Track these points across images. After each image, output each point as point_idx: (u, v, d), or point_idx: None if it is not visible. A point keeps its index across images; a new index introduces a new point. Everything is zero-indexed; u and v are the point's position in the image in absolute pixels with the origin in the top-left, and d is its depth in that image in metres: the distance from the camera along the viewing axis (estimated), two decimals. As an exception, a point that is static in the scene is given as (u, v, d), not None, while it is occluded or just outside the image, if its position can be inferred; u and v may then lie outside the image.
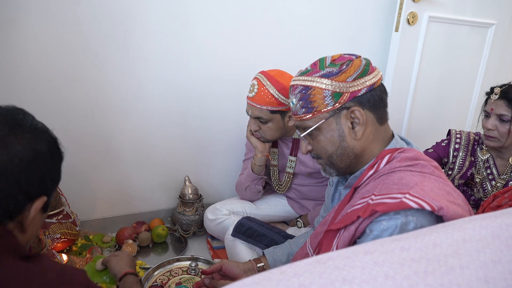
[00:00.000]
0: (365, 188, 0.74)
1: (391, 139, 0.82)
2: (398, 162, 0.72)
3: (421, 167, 0.71)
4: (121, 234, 1.53)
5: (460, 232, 0.45)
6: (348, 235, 0.67)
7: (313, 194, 1.54)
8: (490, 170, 1.40)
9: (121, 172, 1.62)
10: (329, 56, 0.80)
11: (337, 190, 0.95)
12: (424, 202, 0.61)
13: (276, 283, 0.37)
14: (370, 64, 0.79)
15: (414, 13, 1.76)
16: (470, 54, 2.03)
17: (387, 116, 0.82)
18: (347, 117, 0.77)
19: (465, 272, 0.38)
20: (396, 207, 0.62)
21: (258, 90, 1.29)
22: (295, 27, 1.68)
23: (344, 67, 0.76)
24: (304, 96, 0.78)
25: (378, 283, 0.36)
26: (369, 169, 0.75)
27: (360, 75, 0.76)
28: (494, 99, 1.30)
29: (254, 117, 1.35)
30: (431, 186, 0.66)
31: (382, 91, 0.79)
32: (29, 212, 0.58)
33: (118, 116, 1.53)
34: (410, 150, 0.75)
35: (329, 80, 0.75)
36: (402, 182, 0.67)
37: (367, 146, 0.79)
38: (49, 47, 1.34)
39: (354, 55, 0.79)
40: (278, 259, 1.04)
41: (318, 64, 0.79)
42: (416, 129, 2.06)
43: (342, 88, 0.75)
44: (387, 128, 0.82)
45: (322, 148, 0.81)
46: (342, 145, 0.79)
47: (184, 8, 1.47)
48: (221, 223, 1.48)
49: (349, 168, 0.82)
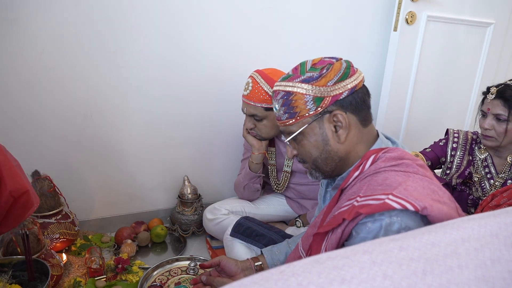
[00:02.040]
0: (351, 189, 0.74)
1: (376, 139, 0.82)
2: (383, 162, 0.72)
3: (405, 166, 0.71)
4: (120, 234, 1.53)
5: (458, 231, 0.45)
6: (335, 237, 0.68)
7: (311, 194, 1.54)
8: (488, 169, 1.40)
9: (120, 172, 1.62)
10: (310, 60, 0.80)
11: (327, 191, 0.95)
12: (406, 203, 0.61)
13: (274, 283, 0.37)
14: (351, 67, 0.79)
15: (412, 12, 1.76)
16: (469, 53, 2.04)
17: (370, 118, 0.82)
18: (330, 121, 0.78)
19: (463, 271, 0.38)
20: (379, 208, 0.62)
21: (252, 88, 1.31)
22: (294, 26, 1.68)
23: (324, 71, 0.76)
24: (286, 102, 0.79)
25: (376, 283, 0.36)
26: (354, 170, 0.75)
27: (340, 79, 0.76)
28: (491, 98, 1.30)
29: (249, 115, 1.37)
30: (415, 186, 0.66)
31: (364, 93, 0.80)
32: None
33: (117, 116, 1.52)
34: (395, 150, 0.75)
35: (310, 85, 0.76)
36: (386, 182, 0.67)
37: (352, 148, 0.80)
38: (47, 48, 1.34)
39: (335, 58, 0.80)
40: (276, 258, 1.04)
41: (299, 69, 0.80)
42: (415, 128, 2.06)
43: (323, 93, 0.76)
44: (372, 129, 0.83)
45: (307, 152, 0.82)
46: (326, 149, 0.79)
47: (182, 8, 1.47)
48: (220, 222, 1.48)
49: (335, 171, 0.83)
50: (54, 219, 1.38)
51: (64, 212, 1.43)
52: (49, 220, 1.37)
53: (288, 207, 1.61)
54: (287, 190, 1.59)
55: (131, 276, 1.32)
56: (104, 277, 1.31)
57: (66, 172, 1.51)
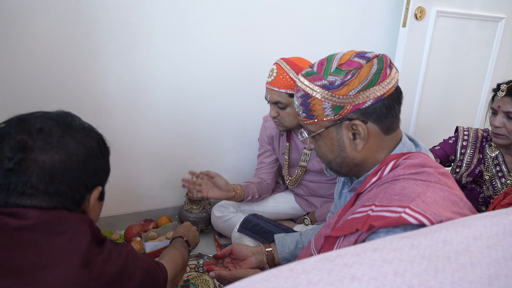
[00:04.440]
0: (367, 195, 0.72)
1: (398, 143, 0.77)
2: (403, 169, 0.68)
3: (426, 175, 0.67)
4: (130, 232, 1.55)
5: (470, 229, 0.44)
6: (348, 244, 0.66)
7: (321, 191, 1.54)
8: (499, 167, 1.38)
9: (129, 170, 1.63)
10: (338, 58, 0.73)
11: (343, 192, 0.94)
12: (423, 218, 0.58)
13: (284, 280, 0.37)
14: (383, 69, 0.70)
15: (422, 8, 1.74)
16: (480, 49, 2.01)
17: (396, 125, 0.76)
18: (348, 128, 0.73)
19: (476, 269, 0.38)
20: (394, 222, 0.59)
21: (277, 74, 1.29)
22: (300, 23, 1.67)
23: (349, 77, 0.69)
24: (304, 103, 0.75)
25: (387, 281, 0.36)
26: (372, 176, 0.72)
27: (366, 87, 0.69)
28: (501, 96, 1.28)
29: (273, 102, 1.34)
30: (434, 197, 0.63)
31: (393, 100, 0.72)
32: (89, 201, 0.69)
33: (126, 115, 1.53)
34: (417, 156, 0.71)
35: (329, 92, 0.70)
36: (404, 192, 0.64)
37: (369, 156, 0.75)
38: (56, 47, 1.35)
39: (366, 59, 0.70)
40: (286, 245, 1.06)
41: (324, 66, 0.73)
42: (424, 126, 2.04)
43: (343, 102, 0.70)
44: (396, 135, 0.77)
45: (322, 153, 0.80)
46: (342, 155, 0.76)
47: (190, 6, 1.47)
48: (228, 220, 1.49)
49: (349, 173, 0.80)
50: (64, 217, 1.40)
51: (74, 210, 1.44)
52: (60, 217, 1.39)
53: (296, 205, 1.60)
54: (298, 186, 1.58)
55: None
56: (114, 274, 1.32)
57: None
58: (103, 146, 0.73)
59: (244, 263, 1.03)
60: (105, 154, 0.73)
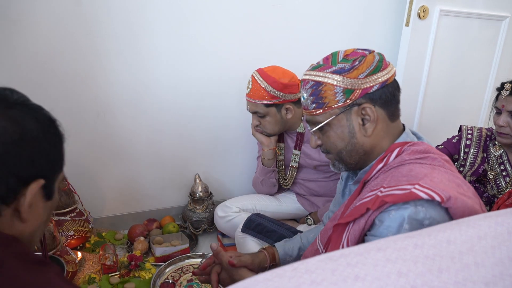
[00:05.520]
0: (374, 181, 0.74)
1: (401, 133, 0.81)
2: (408, 155, 0.72)
3: (431, 160, 0.70)
4: (133, 232, 1.55)
5: (474, 229, 0.44)
6: (358, 228, 0.67)
7: (322, 190, 1.54)
8: (503, 166, 1.38)
9: (132, 171, 1.64)
10: (342, 51, 0.78)
11: (347, 186, 0.95)
12: (433, 193, 0.60)
13: (287, 279, 0.37)
14: (384, 60, 0.77)
15: (425, 7, 1.73)
16: (483, 48, 1.99)
17: (399, 113, 0.81)
18: (358, 114, 0.76)
19: (480, 269, 0.37)
20: (405, 197, 0.61)
21: (252, 86, 1.37)
22: (302, 23, 1.67)
23: (357, 63, 0.74)
24: (315, 92, 0.77)
25: (391, 280, 0.36)
26: (378, 163, 0.75)
27: (372, 72, 0.74)
28: (505, 95, 1.28)
29: (252, 112, 1.43)
30: (440, 178, 0.65)
31: (394, 88, 0.78)
32: (25, 197, 0.52)
33: (128, 115, 1.54)
34: (421, 144, 0.74)
35: (341, 76, 0.74)
36: (411, 174, 0.67)
37: (377, 142, 0.79)
38: (59, 49, 1.35)
39: (368, 50, 0.78)
40: (289, 252, 1.04)
41: (330, 59, 0.78)
42: (427, 125, 2.03)
43: (354, 85, 0.74)
44: (399, 124, 0.82)
45: (332, 143, 0.81)
46: (352, 142, 0.78)
47: (191, 7, 1.47)
48: (231, 220, 1.49)
49: (358, 163, 0.82)
50: (68, 217, 1.40)
51: (78, 210, 1.45)
52: (64, 217, 1.39)
53: (299, 205, 1.61)
54: (296, 186, 1.59)
55: (144, 273, 1.33)
56: (118, 274, 1.33)
57: (79, 170, 1.54)
58: (51, 130, 0.58)
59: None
60: (53, 141, 0.58)
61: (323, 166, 1.48)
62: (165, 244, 1.50)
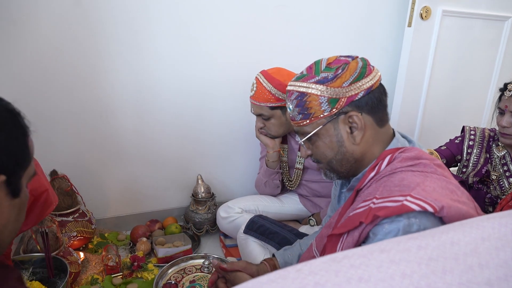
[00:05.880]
0: (367, 190, 0.73)
1: (391, 139, 0.81)
2: (399, 162, 0.70)
3: (423, 166, 0.69)
4: (135, 232, 1.55)
5: (478, 230, 0.44)
6: (352, 240, 0.67)
7: (325, 191, 1.54)
8: (507, 167, 1.37)
9: (135, 171, 1.64)
10: (325, 59, 0.78)
11: (341, 192, 0.94)
12: (425, 204, 0.59)
13: (291, 281, 0.37)
14: (368, 65, 0.76)
15: (427, 7, 1.73)
16: (486, 49, 1.99)
17: (387, 118, 0.80)
18: (345, 122, 0.76)
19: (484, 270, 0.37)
20: (398, 210, 0.60)
21: (256, 89, 1.36)
22: (305, 24, 1.67)
23: (340, 71, 0.74)
24: (300, 103, 0.77)
25: (395, 282, 0.36)
26: (370, 171, 0.74)
27: (356, 79, 0.74)
28: (508, 95, 1.27)
29: (257, 115, 1.42)
30: (433, 186, 0.64)
31: (380, 93, 0.77)
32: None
33: (130, 116, 1.54)
34: (412, 149, 0.73)
35: (324, 86, 0.74)
36: (403, 183, 0.66)
37: (367, 149, 0.78)
38: (62, 50, 1.36)
39: (351, 57, 0.77)
40: (289, 261, 1.03)
41: (313, 68, 0.78)
42: (430, 126, 2.03)
43: (338, 94, 0.74)
44: (388, 129, 0.81)
45: (322, 153, 0.81)
46: (341, 151, 0.78)
47: (194, 7, 1.48)
48: (234, 221, 1.49)
49: (350, 172, 0.81)
50: (71, 218, 1.41)
51: (81, 211, 1.46)
52: (67, 218, 1.40)
53: (301, 205, 1.60)
54: (300, 187, 1.59)
55: (146, 274, 1.34)
56: (121, 275, 1.33)
57: (82, 171, 1.54)
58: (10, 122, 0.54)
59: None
60: (15, 134, 0.54)
61: None
62: (167, 245, 1.50)
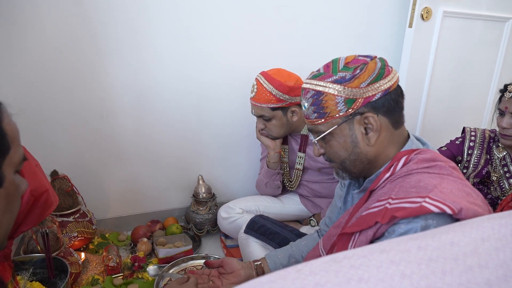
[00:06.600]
0: (380, 190, 0.72)
1: (406, 140, 0.80)
2: (415, 164, 0.70)
3: (439, 168, 0.69)
4: (136, 233, 1.56)
5: (478, 231, 0.44)
6: (366, 239, 0.66)
7: (325, 191, 1.54)
8: (507, 168, 1.37)
9: (136, 172, 1.64)
10: (343, 58, 0.77)
11: (349, 193, 0.93)
12: (444, 205, 0.59)
13: (291, 281, 0.37)
14: (386, 66, 0.75)
15: (428, 8, 1.73)
16: (487, 49, 1.99)
17: (403, 120, 0.79)
18: (361, 123, 0.75)
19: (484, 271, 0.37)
20: (416, 212, 0.60)
21: (257, 90, 1.36)
22: (305, 25, 1.67)
23: (358, 71, 0.73)
24: (316, 102, 0.76)
25: (394, 282, 0.36)
26: (385, 172, 0.73)
27: (374, 80, 0.73)
28: (508, 97, 1.27)
29: (257, 116, 1.42)
30: (450, 188, 0.64)
31: (398, 94, 0.76)
32: None
33: (131, 117, 1.55)
34: (427, 151, 0.73)
35: (342, 86, 0.73)
36: (420, 185, 0.65)
37: (382, 151, 0.77)
38: (64, 50, 1.36)
39: (369, 57, 0.76)
40: (279, 261, 1.02)
41: (331, 67, 0.76)
42: (431, 127, 2.03)
43: (356, 94, 0.73)
44: (403, 131, 0.80)
45: (335, 153, 0.80)
46: (355, 151, 0.77)
47: (195, 8, 1.48)
48: (235, 221, 1.49)
49: (362, 172, 0.81)
50: (72, 218, 1.41)
51: (81, 211, 1.46)
52: (68, 219, 1.40)
53: (302, 206, 1.60)
54: (300, 188, 1.59)
55: (147, 274, 1.34)
56: (121, 275, 1.33)
57: (83, 171, 1.55)
58: None
59: (232, 276, 0.97)
60: None
61: (327, 169, 1.48)
62: (168, 245, 1.50)
